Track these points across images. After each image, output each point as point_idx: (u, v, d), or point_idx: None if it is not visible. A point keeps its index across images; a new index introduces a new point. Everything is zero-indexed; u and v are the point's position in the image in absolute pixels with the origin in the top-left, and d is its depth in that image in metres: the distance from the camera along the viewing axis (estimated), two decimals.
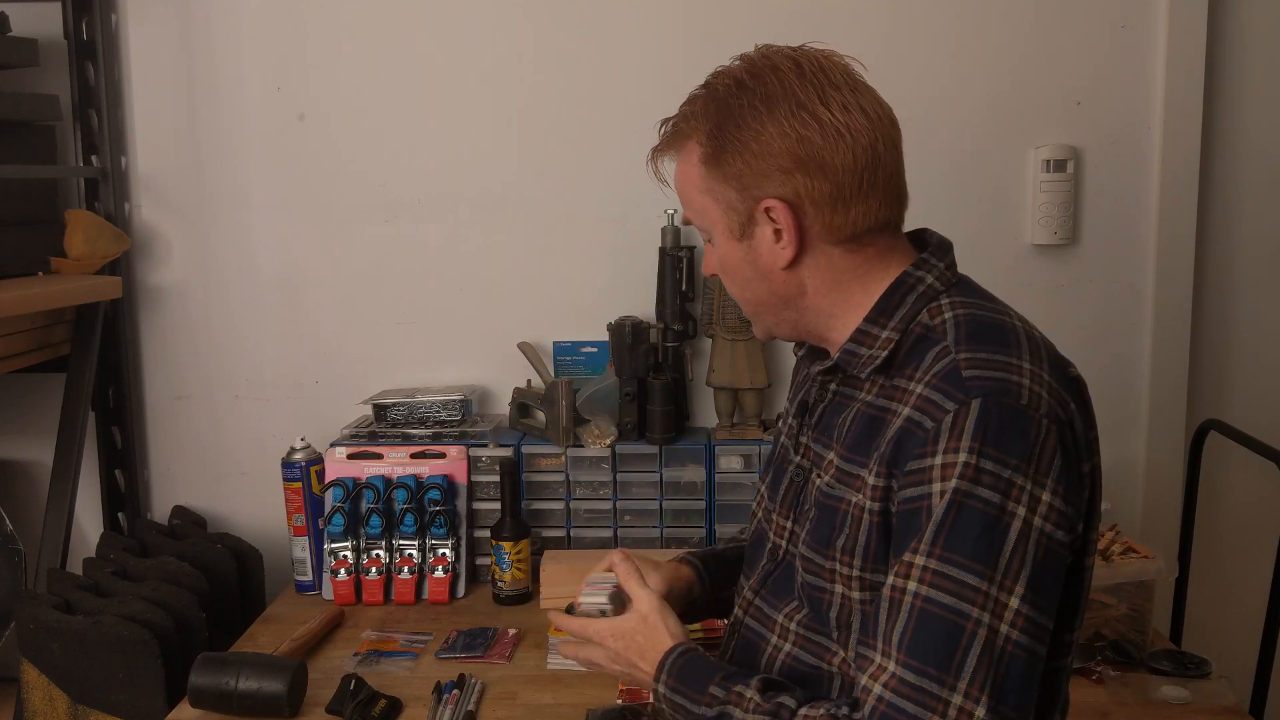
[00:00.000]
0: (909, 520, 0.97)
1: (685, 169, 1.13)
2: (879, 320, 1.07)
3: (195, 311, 2.16)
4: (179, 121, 2.11)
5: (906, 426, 0.99)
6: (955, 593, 0.93)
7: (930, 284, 1.08)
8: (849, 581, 1.04)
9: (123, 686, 1.64)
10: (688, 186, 1.13)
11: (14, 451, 2.20)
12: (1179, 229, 2.04)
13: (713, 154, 1.08)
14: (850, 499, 1.04)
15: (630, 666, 1.16)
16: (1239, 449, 1.75)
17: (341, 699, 1.50)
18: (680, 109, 1.13)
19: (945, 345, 1.02)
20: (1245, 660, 1.67)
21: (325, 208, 2.12)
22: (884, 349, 1.06)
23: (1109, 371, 2.07)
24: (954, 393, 0.97)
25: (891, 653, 0.94)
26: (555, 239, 2.10)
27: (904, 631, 0.94)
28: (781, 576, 1.15)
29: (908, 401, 1.01)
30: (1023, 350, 1.01)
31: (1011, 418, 0.95)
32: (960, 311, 1.05)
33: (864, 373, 1.07)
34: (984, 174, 2.04)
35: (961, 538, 0.94)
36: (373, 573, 1.89)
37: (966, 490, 0.94)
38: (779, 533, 1.17)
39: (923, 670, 0.92)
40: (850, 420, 1.08)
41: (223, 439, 2.18)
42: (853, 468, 1.05)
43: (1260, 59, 2.06)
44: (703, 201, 1.11)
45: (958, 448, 0.95)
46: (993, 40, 2.01)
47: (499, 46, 2.05)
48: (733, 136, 1.06)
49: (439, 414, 2.02)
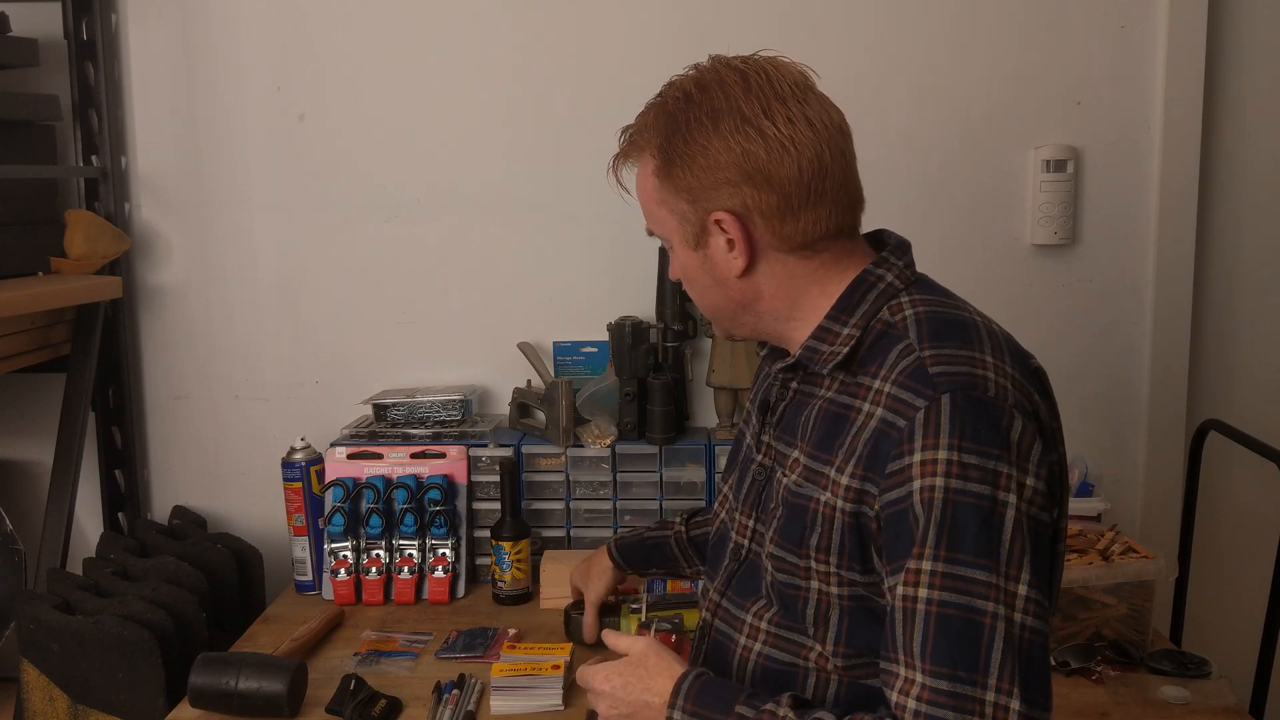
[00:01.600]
0: (897, 523, 0.98)
1: (642, 180, 1.15)
2: (839, 318, 1.08)
3: (195, 311, 2.16)
4: (179, 121, 2.11)
5: (880, 428, 1.00)
6: (967, 591, 0.94)
7: (890, 282, 1.09)
8: (825, 578, 1.05)
9: (123, 686, 1.64)
10: (645, 197, 1.15)
11: (14, 451, 2.20)
12: (1179, 229, 2.04)
13: (664, 167, 1.10)
14: (819, 497, 1.04)
15: (635, 705, 1.11)
16: (1239, 449, 1.75)
17: (341, 699, 1.50)
18: (635, 120, 1.14)
19: (909, 343, 1.03)
20: (1245, 660, 1.67)
21: (325, 208, 2.12)
22: (845, 345, 1.07)
23: (1109, 371, 2.07)
24: (922, 389, 0.98)
25: (916, 664, 0.94)
26: (555, 239, 2.10)
27: (925, 640, 0.94)
28: (745, 575, 1.16)
29: (876, 400, 1.02)
30: (984, 344, 1.02)
31: (982, 410, 0.97)
32: (921, 309, 1.06)
33: (826, 369, 1.07)
34: (984, 174, 2.04)
35: (962, 535, 0.94)
36: (373, 573, 1.89)
37: (957, 487, 0.94)
38: (741, 532, 1.17)
39: (953, 675, 0.93)
40: (813, 417, 1.09)
41: (223, 439, 2.18)
42: (819, 465, 1.06)
43: (1260, 59, 2.06)
44: (659, 212, 1.14)
45: (936, 444, 0.95)
46: (993, 40, 2.01)
47: (499, 47, 2.05)
48: (681, 151, 1.07)
49: (439, 414, 2.02)
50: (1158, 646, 1.65)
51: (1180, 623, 1.90)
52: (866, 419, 1.02)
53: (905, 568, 0.96)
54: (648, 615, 1.63)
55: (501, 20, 2.05)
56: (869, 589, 1.03)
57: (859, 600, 1.04)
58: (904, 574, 0.96)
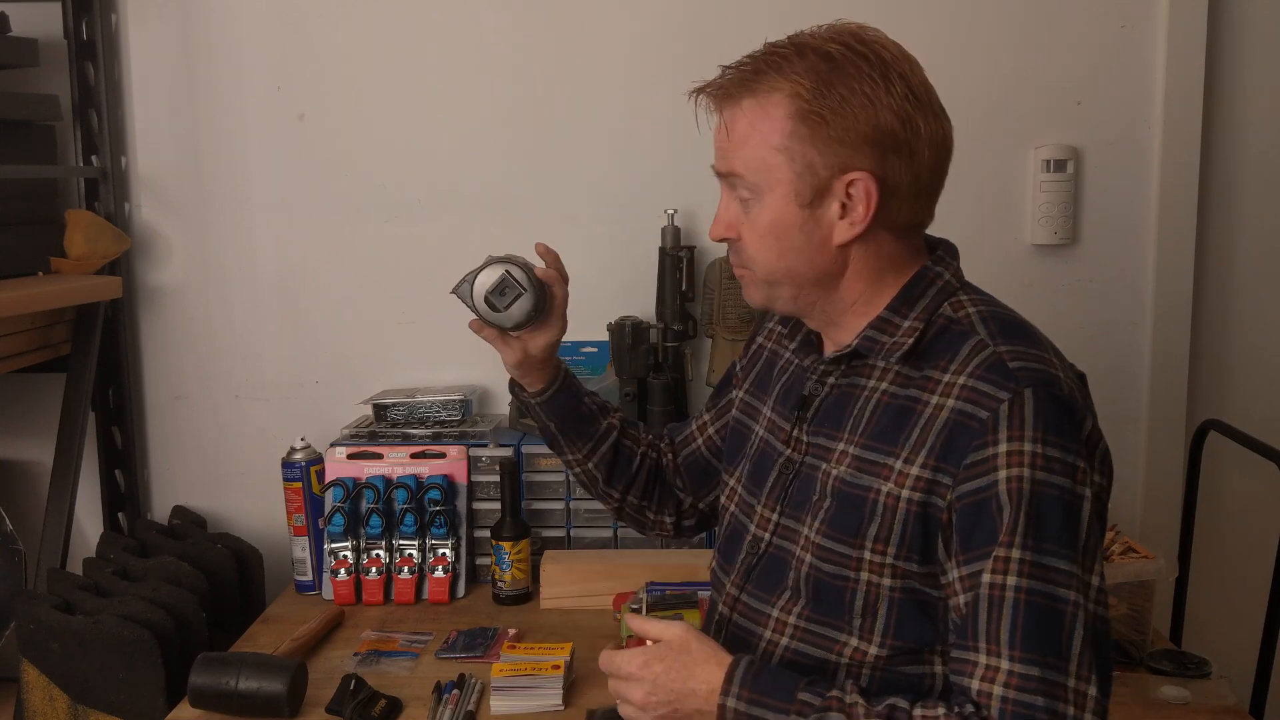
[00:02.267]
0: (976, 512, 0.99)
1: (760, 118, 1.04)
2: (900, 310, 1.09)
3: (195, 311, 2.15)
4: (179, 121, 2.11)
5: (957, 420, 1.01)
6: (1051, 580, 0.96)
7: (948, 280, 1.11)
8: (879, 569, 1.05)
9: (123, 686, 1.64)
10: (755, 137, 1.05)
11: (14, 451, 2.20)
12: (1179, 229, 2.03)
13: (812, 110, 1.02)
14: (879, 488, 1.05)
15: (677, 694, 1.04)
16: (1239, 449, 1.75)
17: (341, 699, 1.50)
18: (768, 54, 1.05)
19: (981, 339, 1.04)
20: (1245, 660, 1.67)
21: (325, 208, 2.12)
22: (908, 337, 1.07)
23: (1109, 371, 2.07)
24: (1004, 383, 1.00)
25: (1002, 651, 0.95)
26: (555, 239, 2.07)
27: (1013, 628, 0.95)
28: (766, 569, 1.15)
29: (948, 393, 1.03)
30: (1047, 346, 1.06)
31: (1061, 406, 1.00)
32: (983, 308, 1.09)
33: (892, 359, 1.07)
34: (984, 174, 2.04)
35: (1047, 525, 0.97)
36: (373, 573, 1.89)
37: (1043, 479, 0.97)
38: (762, 525, 1.16)
39: (1042, 662, 0.94)
40: (868, 410, 1.08)
41: (223, 439, 2.18)
42: (878, 456, 1.06)
43: (1260, 59, 2.06)
44: (771, 157, 1.04)
45: (1021, 436, 0.98)
46: (993, 40, 2.01)
47: (499, 47, 2.05)
48: (842, 98, 1.02)
49: (439, 414, 2.02)
50: (1158, 646, 1.65)
51: (1180, 623, 1.90)
52: (937, 410, 1.03)
53: (992, 556, 0.97)
54: (648, 615, 1.62)
55: (502, 20, 2.05)
56: (923, 580, 1.04)
57: (911, 593, 1.04)
58: (991, 561, 0.97)
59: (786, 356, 1.24)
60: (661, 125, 2.02)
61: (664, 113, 2.01)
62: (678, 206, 2.01)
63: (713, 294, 2.03)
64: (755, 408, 1.27)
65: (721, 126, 1.08)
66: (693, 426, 1.44)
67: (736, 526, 1.22)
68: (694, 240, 2.04)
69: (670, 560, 1.87)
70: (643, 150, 2.05)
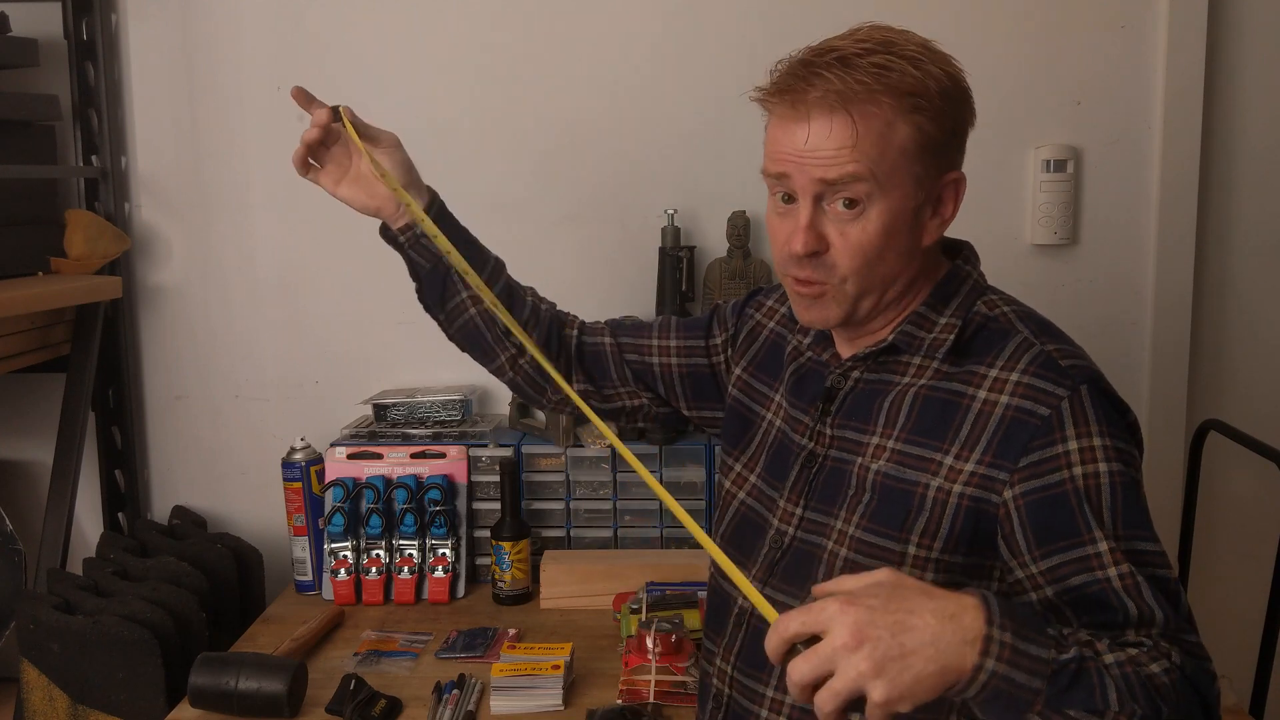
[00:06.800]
0: (1051, 508, 1.00)
1: (891, 119, 1.01)
2: (936, 306, 1.11)
3: (195, 311, 2.16)
4: (179, 121, 2.11)
5: (1015, 416, 1.03)
6: (1152, 562, 1.00)
7: (977, 279, 1.14)
8: (923, 563, 1.05)
9: (123, 686, 1.64)
10: (881, 140, 1.01)
11: (14, 451, 2.20)
12: (1179, 229, 2.04)
13: (947, 116, 1.05)
14: (927, 482, 1.05)
15: (903, 628, 0.83)
16: (1239, 449, 1.75)
17: (341, 699, 1.50)
18: (902, 56, 1.03)
19: (1025, 337, 1.07)
20: (1245, 660, 1.67)
21: (325, 208, 2.10)
22: (948, 333, 1.09)
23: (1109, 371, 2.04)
24: (1061, 380, 1.03)
25: (1156, 619, 0.97)
26: (555, 239, 2.10)
27: (1155, 603, 0.97)
28: (792, 563, 1.14)
29: (1000, 389, 1.04)
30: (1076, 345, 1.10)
31: (1111, 399, 1.05)
32: (1016, 307, 1.12)
33: (936, 354, 1.09)
34: (984, 174, 2.03)
35: (1133, 511, 1.00)
36: (373, 573, 1.89)
37: (1119, 470, 1.00)
38: (785, 519, 1.16)
39: (1191, 629, 0.99)
40: (905, 404, 1.09)
41: (223, 439, 2.18)
42: (924, 451, 1.06)
43: (1260, 59, 2.06)
44: (897, 161, 1.02)
45: (1089, 432, 1.01)
46: (992, 40, 2.01)
47: (499, 47, 2.05)
48: (959, 103, 1.08)
49: (439, 414, 2.02)
50: None
51: None
52: (988, 406, 1.04)
53: (1095, 553, 0.99)
54: (648, 615, 1.62)
55: (502, 22, 2.05)
56: (965, 573, 1.05)
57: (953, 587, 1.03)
58: (1109, 555, 0.98)
59: (794, 344, 1.24)
60: (662, 125, 2.02)
61: (664, 112, 2.01)
62: (678, 206, 2.01)
63: (713, 294, 2.03)
64: (762, 393, 1.26)
65: (829, 131, 1.01)
66: (652, 340, 1.37)
67: (750, 516, 1.21)
68: (693, 240, 2.04)
69: (670, 560, 1.87)
70: (643, 150, 2.05)
